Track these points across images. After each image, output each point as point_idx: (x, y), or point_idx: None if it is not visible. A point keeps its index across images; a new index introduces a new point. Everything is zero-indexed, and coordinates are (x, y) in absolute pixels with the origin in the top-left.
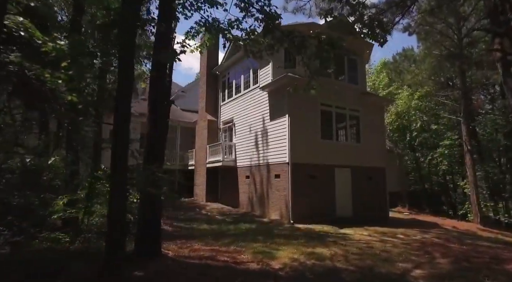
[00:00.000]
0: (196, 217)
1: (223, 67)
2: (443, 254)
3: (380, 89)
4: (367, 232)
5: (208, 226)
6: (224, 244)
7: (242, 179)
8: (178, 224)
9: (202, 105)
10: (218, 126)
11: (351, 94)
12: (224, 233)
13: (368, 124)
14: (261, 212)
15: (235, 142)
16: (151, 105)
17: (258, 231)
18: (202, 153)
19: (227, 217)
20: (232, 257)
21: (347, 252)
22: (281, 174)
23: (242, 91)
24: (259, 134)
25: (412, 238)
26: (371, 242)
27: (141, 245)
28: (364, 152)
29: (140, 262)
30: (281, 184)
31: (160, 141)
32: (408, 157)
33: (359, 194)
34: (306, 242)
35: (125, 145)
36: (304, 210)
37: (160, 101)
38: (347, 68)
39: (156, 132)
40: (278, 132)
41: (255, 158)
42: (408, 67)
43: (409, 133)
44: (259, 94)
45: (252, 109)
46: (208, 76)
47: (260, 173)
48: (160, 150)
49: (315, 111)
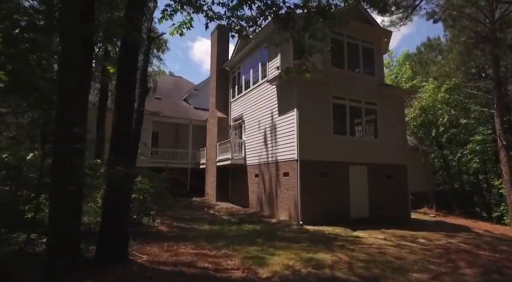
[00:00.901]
0: (202, 216)
1: (233, 62)
2: (470, 263)
3: (403, 83)
4: (383, 235)
5: (210, 226)
6: (217, 246)
7: (252, 178)
8: (178, 224)
9: (213, 102)
10: (228, 124)
11: (367, 86)
12: (223, 235)
13: (387, 118)
14: (270, 212)
15: (244, 139)
16: (119, 91)
17: (261, 232)
18: (212, 151)
19: (234, 217)
20: (216, 263)
21: (353, 259)
22: (290, 172)
23: (251, 86)
24: (268, 131)
25: (435, 243)
26: (385, 247)
27: (103, 250)
28: (382, 148)
29: (99, 269)
30: (289, 183)
31: (130, 132)
32: (435, 155)
33: (376, 193)
34: (309, 246)
35: (69, 136)
36: (315, 210)
37: (130, 86)
38: (362, 57)
39: (124, 123)
40: (286, 128)
41: (264, 156)
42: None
43: (435, 129)
44: (268, 89)
45: (261, 104)
46: (218, 72)
47: (269, 171)
48: (130, 143)
49: (327, 105)
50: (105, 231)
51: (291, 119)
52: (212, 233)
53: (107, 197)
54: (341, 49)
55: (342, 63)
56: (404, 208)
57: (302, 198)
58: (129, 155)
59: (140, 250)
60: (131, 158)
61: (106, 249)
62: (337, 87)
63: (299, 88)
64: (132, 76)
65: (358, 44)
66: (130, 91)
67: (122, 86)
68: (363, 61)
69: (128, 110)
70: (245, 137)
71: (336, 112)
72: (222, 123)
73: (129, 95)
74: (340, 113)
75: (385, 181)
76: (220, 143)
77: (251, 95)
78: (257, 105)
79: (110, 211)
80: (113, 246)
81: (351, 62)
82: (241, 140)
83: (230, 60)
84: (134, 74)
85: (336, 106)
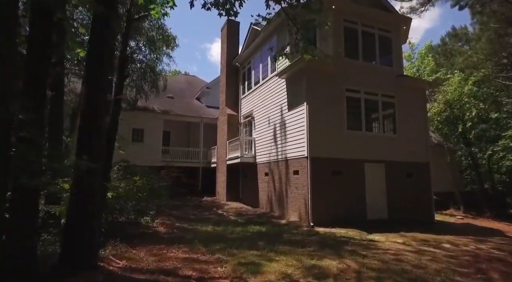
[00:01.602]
0: (208, 217)
1: (242, 58)
2: (504, 275)
3: (425, 76)
4: (402, 239)
5: (213, 227)
6: (212, 250)
7: (262, 176)
8: (181, 225)
9: (223, 99)
10: (239, 121)
11: (384, 77)
12: (224, 237)
13: (406, 112)
14: (280, 212)
15: (254, 137)
16: (89, 71)
17: (265, 235)
18: (222, 149)
19: (241, 218)
20: (203, 270)
21: (363, 267)
22: (300, 170)
23: (260, 82)
24: (277, 127)
25: (462, 249)
26: (403, 253)
27: (67, 255)
28: (401, 144)
29: (59, 278)
30: (299, 181)
31: (100, 121)
32: (462, 152)
33: (395, 193)
34: (315, 251)
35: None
36: (327, 211)
37: (101, 63)
38: (379, 47)
39: (93, 108)
40: (296, 123)
41: (273, 153)
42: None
43: (462, 124)
44: (278, 83)
45: (270, 100)
46: (228, 68)
47: (278, 170)
48: (100, 134)
49: (340, 98)
50: (69, 233)
51: (300, 114)
52: (213, 234)
53: (72, 194)
54: (355, 39)
55: (356, 54)
56: (427, 209)
57: (313, 197)
58: (98, 148)
59: (123, 254)
60: (100, 151)
61: (70, 254)
62: (351, 79)
63: (309, 81)
64: (105, 53)
65: (374, 33)
66: (101, 68)
67: (93, 65)
68: (379, 51)
69: (98, 93)
70: (255, 134)
71: (350, 106)
72: (232, 121)
73: (100, 73)
74: (355, 107)
75: (405, 180)
76: (229, 140)
77: (260, 90)
78: (266, 101)
79: (75, 210)
80: (78, 251)
81: (367, 52)
82: (251, 137)
83: (240, 55)
84: (107, 50)
85: (350, 100)
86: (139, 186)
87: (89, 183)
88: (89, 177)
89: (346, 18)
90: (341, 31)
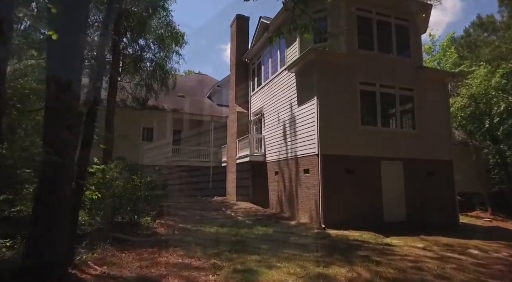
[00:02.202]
0: (215, 217)
1: (252, 53)
2: None
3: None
4: (422, 244)
5: (218, 228)
6: (209, 255)
7: (272, 176)
8: (184, 226)
9: (232, 97)
10: (249, 119)
11: (401, 69)
12: (226, 239)
13: (426, 106)
14: (290, 213)
15: (264, 134)
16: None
17: (271, 237)
18: (232, 148)
19: (249, 219)
20: (191, 279)
21: (376, 276)
22: (310, 169)
23: (270, 77)
24: (287, 124)
25: (493, 256)
26: (423, 260)
27: (30, 260)
28: (421, 141)
29: None
30: (310, 181)
31: (73, 104)
32: (489, 150)
33: (415, 193)
34: (323, 256)
35: None
36: (339, 212)
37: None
38: (396, 37)
39: (62, 91)
40: (306, 119)
41: (283, 151)
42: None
43: (488, 120)
44: (287, 77)
45: (280, 95)
46: (237, 64)
47: (288, 168)
48: (69, 123)
49: (353, 92)
50: (33, 235)
51: (311, 109)
52: (215, 236)
53: (38, 191)
54: (369, 29)
55: (371, 44)
56: (450, 211)
57: (324, 198)
58: (68, 140)
59: (108, 259)
60: (70, 143)
61: (33, 258)
62: (365, 72)
63: (320, 74)
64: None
65: (391, 22)
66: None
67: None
68: (396, 41)
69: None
70: (264, 132)
71: (364, 100)
72: (242, 119)
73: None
74: (369, 102)
75: (426, 179)
76: (239, 139)
77: (270, 86)
78: (276, 97)
79: (41, 209)
80: (42, 255)
81: (382, 42)
82: (260, 135)
83: (249, 51)
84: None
85: (364, 94)
86: (137, 185)
87: (58, 178)
88: (47, 172)
89: (359, 7)
90: (354, 20)
